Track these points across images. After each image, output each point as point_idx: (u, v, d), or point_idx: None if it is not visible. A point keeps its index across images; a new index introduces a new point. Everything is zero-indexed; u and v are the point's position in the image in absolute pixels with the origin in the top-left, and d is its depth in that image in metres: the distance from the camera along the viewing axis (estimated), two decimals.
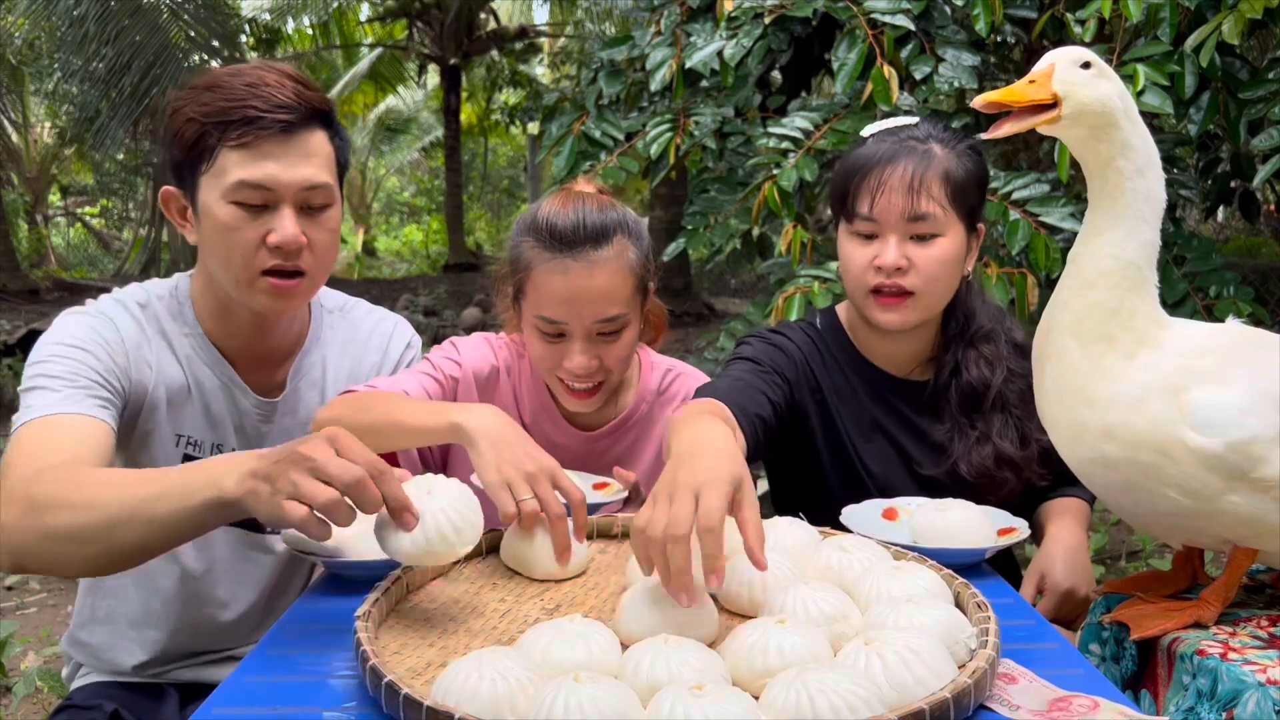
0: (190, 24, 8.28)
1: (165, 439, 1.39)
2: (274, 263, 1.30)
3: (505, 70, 14.73)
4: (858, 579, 1.10)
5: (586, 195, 1.50)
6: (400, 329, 1.59)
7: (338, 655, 1.00)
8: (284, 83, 1.29)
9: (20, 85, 13.72)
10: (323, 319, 1.53)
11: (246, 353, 1.43)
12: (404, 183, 22.81)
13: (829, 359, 1.55)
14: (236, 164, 1.27)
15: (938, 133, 1.45)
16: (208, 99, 1.27)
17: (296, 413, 1.47)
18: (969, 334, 1.52)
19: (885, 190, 1.40)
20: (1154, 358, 1.12)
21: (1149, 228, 1.14)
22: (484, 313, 9.63)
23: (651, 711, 0.81)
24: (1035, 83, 1.14)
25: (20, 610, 3.35)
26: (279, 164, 1.28)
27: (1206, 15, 2.30)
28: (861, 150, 1.46)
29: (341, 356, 1.52)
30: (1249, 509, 1.08)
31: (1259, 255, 9.80)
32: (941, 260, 1.42)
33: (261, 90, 1.27)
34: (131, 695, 1.44)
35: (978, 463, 1.46)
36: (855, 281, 1.46)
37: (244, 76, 1.29)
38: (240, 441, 1.43)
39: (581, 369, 1.46)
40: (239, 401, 1.43)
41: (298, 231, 1.29)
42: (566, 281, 1.43)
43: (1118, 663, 1.26)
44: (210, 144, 1.27)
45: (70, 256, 17.15)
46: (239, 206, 1.28)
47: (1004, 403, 1.50)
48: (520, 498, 1.16)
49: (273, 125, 1.27)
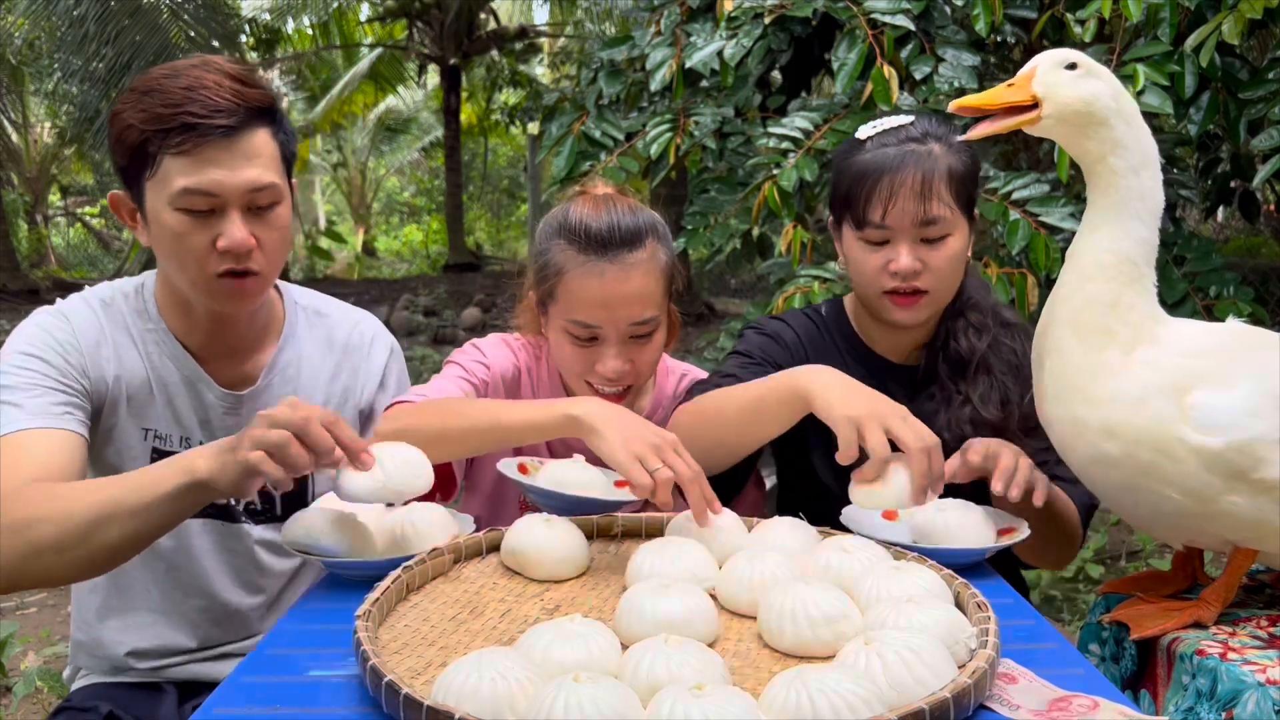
0: (190, 24, 8.28)
1: (131, 434, 1.40)
2: (225, 266, 1.30)
3: (505, 70, 14.73)
4: (858, 579, 1.10)
5: (616, 198, 1.50)
6: (380, 335, 1.58)
7: (338, 655, 1.00)
8: (222, 83, 1.27)
9: (20, 85, 13.71)
10: (298, 315, 1.52)
11: (211, 347, 1.43)
12: (404, 183, 22.80)
13: (830, 345, 1.56)
14: (180, 171, 1.25)
15: (934, 129, 1.46)
16: (146, 104, 1.26)
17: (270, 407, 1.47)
18: (958, 306, 1.53)
19: (897, 198, 1.41)
20: (1153, 354, 1.12)
21: (1145, 225, 1.15)
22: (484, 313, 9.63)
23: (651, 711, 0.81)
24: (1015, 86, 1.16)
25: (20, 610, 3.35)
26: (222, 169, 1.26)
27: (1206, 15, 2.30)
28: (865, 156, 1.45)
29: (320, 357, 1.51)
30: (1250, 510, 1.08)
31: (1259, 255, 9.80)
32: (951, 259, 1.44)
33: (199, 94, 1.25)
34: (129, 695, 1.44)
35: (956, 428, 1.47)
36: (869, 286, 1.47)
37: (181, 79, 1.26)
38: (206, 435, 1.44)
39: (614, 372, 1.46)
40: (203, 395, 1.43)
41: (246, 235, 1.29)
42: (603, 285, 1.43)
43: (1117, 663, 1.26)
44: (152, 151, 1.26)
45: (70, 256, 17.15)
46: (186, 213, 1.27)
47: (989, 367, 1.50)
48: (653, 468, 1.18)
49: (213, 131, 1.25)
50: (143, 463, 1.39)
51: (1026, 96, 1.15)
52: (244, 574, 1.49)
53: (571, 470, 1.36)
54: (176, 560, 1.45)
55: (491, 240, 19.47)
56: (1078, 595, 3.32)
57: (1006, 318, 1.56)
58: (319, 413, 1.11)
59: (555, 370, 1.58)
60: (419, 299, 10.74)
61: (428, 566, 1.18)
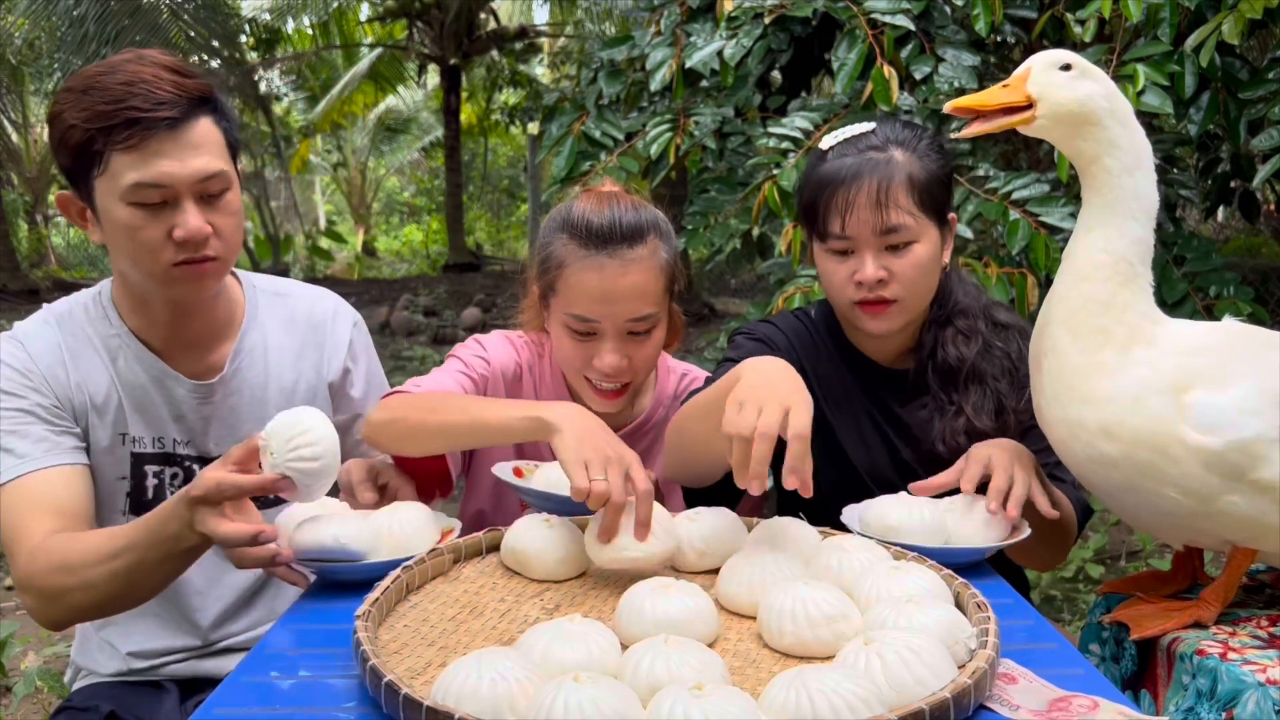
0: (190, 24, 8.29)
1: (108, 440, 1.41)
2: (183, 256, 1.31)
3: (505, 70, 14.72)
4: (858, 579, 1.10)
5: (620, 195, 1.51)
6: (341, 308, 1.60)
7: (337, 655, 1.00)
8: (161, 75, 1.28)
9: (20, 85, 13.70)
10: (258, 300, 1.53)
11: (174, 341, 1.44)
12: (404, 183, 22.79)
13: (821, 348, 1.56)
14: (128, 166, 1.26)
15: (896, 135, 1.45)
16: (87, 103, 1.26)
17: (241, 393, 1.48)
18: (945, 313, 1.53)
19: (854, 208, 1.41)
20: (1150, 354, 1.12)
21: (1140, 225, 1.16)
22: (484, 313, 9.63)
23: (651, 711, 0.81)
24: (1009, 86, 1.17)
25: (20, 610, 3.35)
26: (171, 160, 1.27)
27: (1206, 15, 2.30)
28: (825, 167, 1.45)
29: (285, 336, 1.53)
30: (1249, 509, 1.08)
31: (1259, 255, 9.79)
32: (919, 265, 1.43)
33: (139, 88, 1.26)
34: (131, 694, 1.44)
35: (950, 439, 1.46)
36: (838, 296, 1.48)
37: (119, 74, 1.27)
38: (181, 431, 1.45)
39: (611, 368, 1.46)
40: (172, 391, 1.44)
41: (202, 223, 1.30)
42: (601, 279, 1.43)
43: (1117, 663, 1.26)
44: (98, 149, 1.26)
45: (70, 256, 17.14)
46: (138, 206, 1.28)
47: (980, 375, 1.50)
48: (594, 477, 1.17)
49: (158, 124, 1.26)
50: (123, 468, 1.42)
51: (1021, 97, 1.16)
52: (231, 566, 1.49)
53: None
54: None
55: (491, 240, 19.45)
56: (1078, 595, 3.32)
57: (1000, 319, 1.56)
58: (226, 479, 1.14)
59: (558, 368, 1.58)
60: (419, 299, 10.74)
61: (427, 567, 1.18)
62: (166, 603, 1.46)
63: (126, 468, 1.42)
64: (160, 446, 1.44)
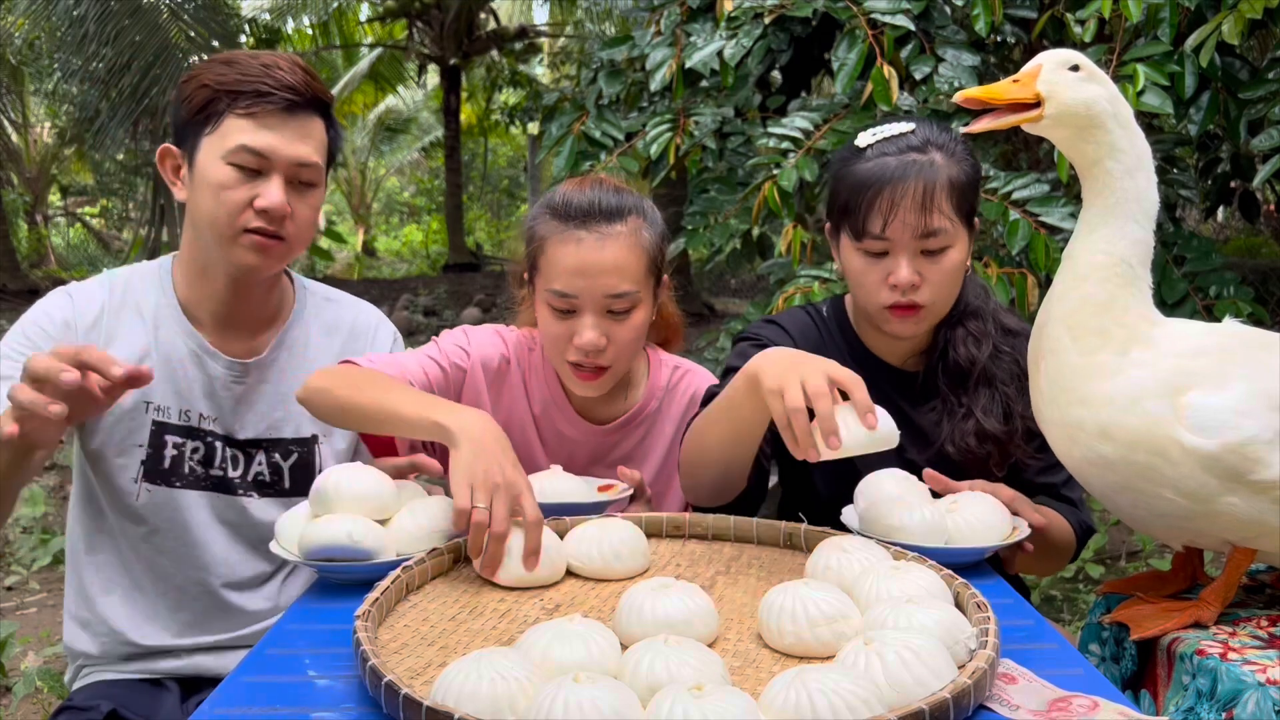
0: (190, 24, 8.27)
1: (130, 403, 1.43)
2: (258, 224, 1.38)
3: (505, 70, 14.72)
4: (857, 579, 1.10)
5: (604, 179, 1.54)
6: (384, 325, 1.65)
7: (338, 655, 1.00)
8: (295, 69, 1.40)
9: (20, 85, 13.70)
10: (307, 300, 1.58)
11: (222, 319, 1.48)
12: (404, 183, 22.81)
13: (830, 346, 1.55)
14: (240, 130, 1.37)
15: (935, 136, 1.43)
16: (223, 71, 1.38)
17: (273, 381, 1.51)
18: (956, 314, 1.52)
19: (898, 211, 1.38)
20: (1148, 355, 1.12)
21: (1140, 227, 1.16)
22: (484, 313, 9.64)
23: (651, 711, 0.81)
24: (1020, 82, 1.16)
25: (20, 610, 3.35)
26: (279, 136, 1.38)
27: (1206, 15, 2.30)
28: (866, 166, 1.42)
29: (326, 338, 1.57)
30: (1247, 510, 1.08)
31: (1259, 255, 9.80)
32: (950, 271, 1.43)
33: (275, 71, 1.38)
34: (131, 693, 1.44)
35: (959, 440, 1.46)
36: (868, 298, 1.45)
37: (261, 59, 1.40)
38: (210, 407, 1.48)
39: (590, 344, 1.46)
40: (208, 367, 1.47)
41: (284, 199, 1.38)
42: (579, 252, 1.45)
43: (1117, 663, 1.26)
44: (219, 109, 1.37)
45: (70, 256, 17.14)
46: (235, 168, 1.37)
47: (990, 378, 1.49)
48: (476, 504, 1.16)
49: (279, 102, 1.38)
50: (141, 435, 1.45)
51: (1031, 94, 1.15)
52: (243, 546, 1.50)
53: (551, 480, 1.40)
54: (174, 532, 1.47)
55: (491, 240, 19.45)
56: (1078, 595, 3.32)
57: (1008, 324, 1.55)
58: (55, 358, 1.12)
59: (549, 362, 1.58)
60: (419, 299, 10.75)
61: (427, 566, 1.18)
62: (170, 582, 1.47)
63: (145, 435, 1.44)
64: (186, 420, 1.47)
